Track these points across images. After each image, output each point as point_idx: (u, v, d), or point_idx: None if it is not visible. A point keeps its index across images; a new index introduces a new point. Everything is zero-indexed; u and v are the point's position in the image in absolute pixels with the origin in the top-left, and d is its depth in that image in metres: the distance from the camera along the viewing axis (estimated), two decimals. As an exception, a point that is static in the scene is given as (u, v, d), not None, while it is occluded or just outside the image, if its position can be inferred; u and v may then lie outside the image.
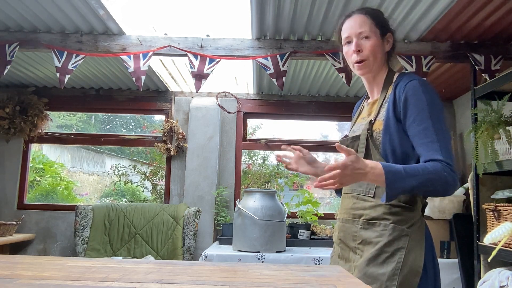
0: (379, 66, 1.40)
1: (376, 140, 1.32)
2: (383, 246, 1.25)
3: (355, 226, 1.35)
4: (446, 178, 1.18)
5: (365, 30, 1.36)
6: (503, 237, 1.22)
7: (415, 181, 1.17)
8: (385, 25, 1.41)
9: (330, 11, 2.45)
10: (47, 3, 2.43)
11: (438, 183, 1.18)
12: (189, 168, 3.73)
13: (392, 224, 1.26)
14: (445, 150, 1.21)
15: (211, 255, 2.72)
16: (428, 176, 1.18)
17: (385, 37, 1.40)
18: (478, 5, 2.27)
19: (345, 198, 1.44)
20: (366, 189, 1.34)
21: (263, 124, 5.08)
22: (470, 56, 2.70)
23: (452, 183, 1.20)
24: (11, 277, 0.81)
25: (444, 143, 1.22)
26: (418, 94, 1.26)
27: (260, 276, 0.91)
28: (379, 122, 1.34)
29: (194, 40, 2.80)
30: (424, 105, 1.25)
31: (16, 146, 3.86)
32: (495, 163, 2.37)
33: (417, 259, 1.23)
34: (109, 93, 3.96)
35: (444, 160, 1.19)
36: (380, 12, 1.44)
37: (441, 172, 1.18)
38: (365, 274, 1.25)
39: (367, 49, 1.36)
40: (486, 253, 2.43)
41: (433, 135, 1.22)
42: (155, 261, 1.12)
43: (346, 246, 1.39)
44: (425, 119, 1.23)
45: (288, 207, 3.39)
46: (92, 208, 3.42)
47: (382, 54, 1.40)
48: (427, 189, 1.20)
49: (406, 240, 1.24)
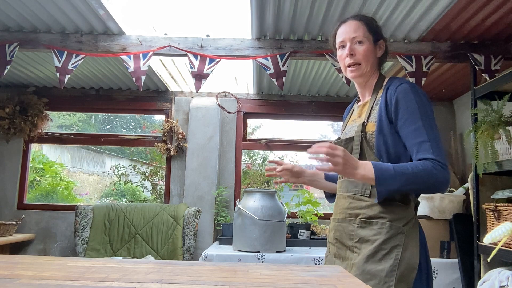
0: (371, 70, 1.46)
1: (370, 141, 1.37)
2: (381, 244, 1.29)
3: (352, 225, 1.38)
4: (437, 175, 1.22)
5: (359, 35, 1.42)
6: (503, 237, 1.23)
7: (405, 178, 1.22)
8: (378, 32, 1.47)
9: (330, 11, 2.45)
10: (47, 3, 2.43)
11: (429, 180, 1.22)
12: (189, 168, 3.73)
13: (388, 222, 1.30)
14: (436, 148, 1.25)
15: (211, 255, 2.72)
16: (418, 173, 1.22)
17: (378, 44, 1.46)
18: (478, 5, 2.27)
19: (340, 198, 1.48)
20: (362, 189, 1.38)
21: (263, 124, 5.09)
22: (470, 56, 2.70)
23: (443, 180, 1.23)
24: (11, 277, 0.81)
25: (435, 142, 1.26)
26: (409, 96, 1.32)
27: (260, 276, 0.91)
28: (371, 123, 1.39)
29: (194, 40, 2.80)
30: (414, 107, 1.30)
31: (16, 146, 3.86)
32: (495, 163, 2.37)
33: (413, 255, 1.28)
34: (109, 93, 3.96)
35: (435, 158, 1.24)
36: (373, 19, 1.50)
37: (431, 170, 1.22)
38: (364, 271, 1.29)
39: (360, 53, 1.42)
40: (486, 253, 2.43)
41: (424, 134, 1.27)
42: (155, 261, 1.12)
43: (343, 245, 1.42)
44: (416, 120, 1.29)
45: (288, 207, 3.39)
46: (92, 208, 3.42)
47: (374, 59, 1.46)
48: (418, 187, 1.25)
49: (402, 238, 1.28)
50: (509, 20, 2.41)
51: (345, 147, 1.42)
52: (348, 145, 1.42)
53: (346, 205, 1.42)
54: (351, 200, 1.41)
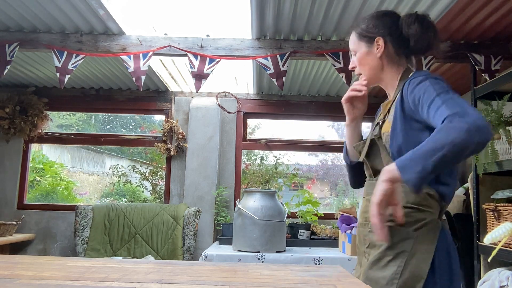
0: (376, 73, 1.38)
1: (386, 143, 1.29)
2: (386, 249, 1.21)
3: (366, 229, 1.32)
4: (455, 127, 1.04)
5: (353, 48, 1.41)
6: (503, 237, 1.22)
7: (423, 152, 1.06)
8: (370, 31, 1.37)
9: (330, 11, 2.45)
10: (47, 3, 2.43)
11: (448, 137, 1.03)
12: (189, 168, 3.73)
13: (397, 227, 1.20)
14: (451, 105, 1.10)
15: (211, 255, 2.72)
16: (435, 138, 1.06)
17: (373, 44, 1.36)
18: (478, 5, 2.27)
19: (362, 201, 1.42)
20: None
21: (262, 124, 5.09)
22: (470, 56, 2.70)
23: (466, 127, 1.02)
24: (11, 277, 0.81)
25: (450, 101, 1.12)
26: (423, 82, 1.22)
27: (260, 276, 0.91)
28: (387, 123, 1.31)
29: (194, 40, 2.80)
30: (428, 86, 1.20)
31: (16, 146, 3.86)
32: (495, 163, 2.37)
33: (421, 263, 1.17)
34: (109, 93, 3.96)
35: (450, 114, 1.07)
36: (363, 20, 1.41)
37: (446, 126, 1.06)
38: (367, 277, 1.23)
39: (356, 64, 1.41)
40: (486, 253, 2.43)
41: (439, 101, 1.13)
42: (155, 261, 1.12)
43: (360, 251, 1.37)
44: (431, 95, 1.17)
45: (288, 207, 3.39)
46: (92, 208, 3.42)
47: (374, 61, 1.36)
48: (445, 152, 1.03)
49: (411, 243, 1.19)
50: (509, 20, 2.41)
51: (363, 149, 1.38)
52: (365, 147, 1.37)
53: (364, 208, 1.36)
54: (368, 204, 1.32)
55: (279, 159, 4.08)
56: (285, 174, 4.13)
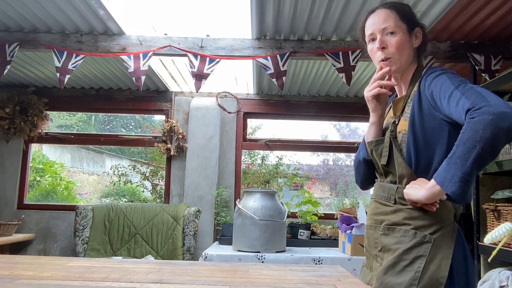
0: (407, 63, 1.30)
1: (402, 142, 1.24)
2: (402, 254, 1.17)
3: (377, 232, 1.28)
4: (477, 123, 1.00)
5: (389, 25, 1.27)
6: (503, 237, 1.22)
7: (457, 157, 1.03)
8: (412, 19, 1.31)
9: (330, 11, 2.45)
10: (47, 3, 2.43)
11: (476, 135, 1.00)
12: (189, 168, 3.73)
13: (412, 230, 1.17)
14: (470, 96, 1.06)
15: (211, 255, 2.72)
16: (463, 140, 1.02)
17: (413, 32, 1.30)
18: (478, 5, 2.27)
19: (371, 203, 1.37)
20: (387, 194, 1.27)
21: (262, 124, 5.09)
22: (470, 56, 2.70)
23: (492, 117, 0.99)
24: (11, 277, 0.81)
25: (469, 92, 1.08)
26: (438, 77, 1.20)
27: (260, 276, 0.91)
28: (403, 122, 1.26)
29: (194, 40, 2.80)
30: (446, 81, 1.16)
31: (16, 146, 3.86)
32: (495, 163, 2.37)
33: (440, 269, 1.13)
34: (109, 93, 3.96)
35: (470, 107, 1.04)
36: (406, 5, 1.34)
37: (469, 124, 1.02)
38: (382, 283, 1.18)
39: (392, 45, 1.27)
40: (486, 253, 2.43)
41: (458, 94, 1.10)
42: (155, 261, 1.12)
43: (370, 254, 1.33)
44: (449, 88, 1.14)
45: (288, 207, 3.39)
46: (92, 208, 3.42)
47: (410, 50, 1.30)
48: (477, 151, 1.00)
49: (428, 248, 1.15)
50: (509, 20, 2.41)
51: (376, 149, 1.32)
52: (379, 147, 1.31)
53: (373, 210, 1.32)
54: (378, 205, 1.30)
55: (281, 159, 4.08)
56: (285, 174, 4.14)
